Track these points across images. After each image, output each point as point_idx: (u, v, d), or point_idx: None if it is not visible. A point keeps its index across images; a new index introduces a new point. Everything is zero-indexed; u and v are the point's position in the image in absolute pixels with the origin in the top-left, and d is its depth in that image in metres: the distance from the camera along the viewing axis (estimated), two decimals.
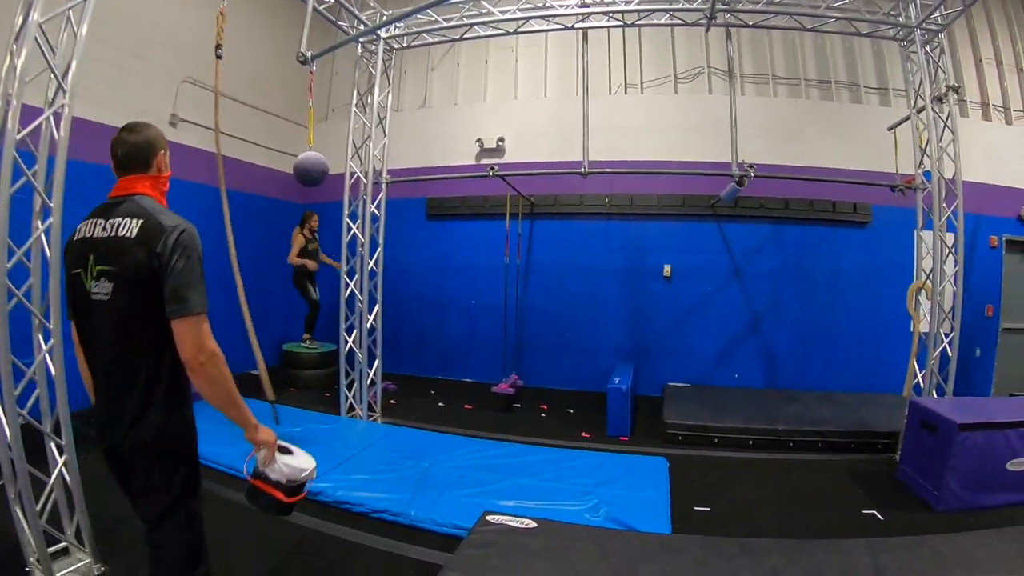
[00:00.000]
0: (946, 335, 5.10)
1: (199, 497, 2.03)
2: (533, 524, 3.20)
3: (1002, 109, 7.64)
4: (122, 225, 1.86)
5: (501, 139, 7.99)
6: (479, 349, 8.23)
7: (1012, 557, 2.99)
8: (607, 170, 6.10)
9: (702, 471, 4.89)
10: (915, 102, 5.44)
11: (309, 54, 5.06)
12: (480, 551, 2.87)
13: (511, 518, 3.25)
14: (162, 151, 2.06)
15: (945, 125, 5.17)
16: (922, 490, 4.35)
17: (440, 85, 8.84)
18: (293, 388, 7.33)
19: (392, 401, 6.97)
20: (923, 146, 5.32)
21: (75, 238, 1.97)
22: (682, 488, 4.37)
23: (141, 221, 1.86)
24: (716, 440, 5.50)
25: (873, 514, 4.09)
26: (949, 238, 5.25)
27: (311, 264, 7.49)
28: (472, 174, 6.89)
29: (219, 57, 4.81)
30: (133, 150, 1.99)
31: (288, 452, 2.17)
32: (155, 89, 6.46)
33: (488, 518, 3.24)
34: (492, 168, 5.86)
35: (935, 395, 5.05)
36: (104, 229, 1.88)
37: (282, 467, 2.10)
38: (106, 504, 3.56)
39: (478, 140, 8.05)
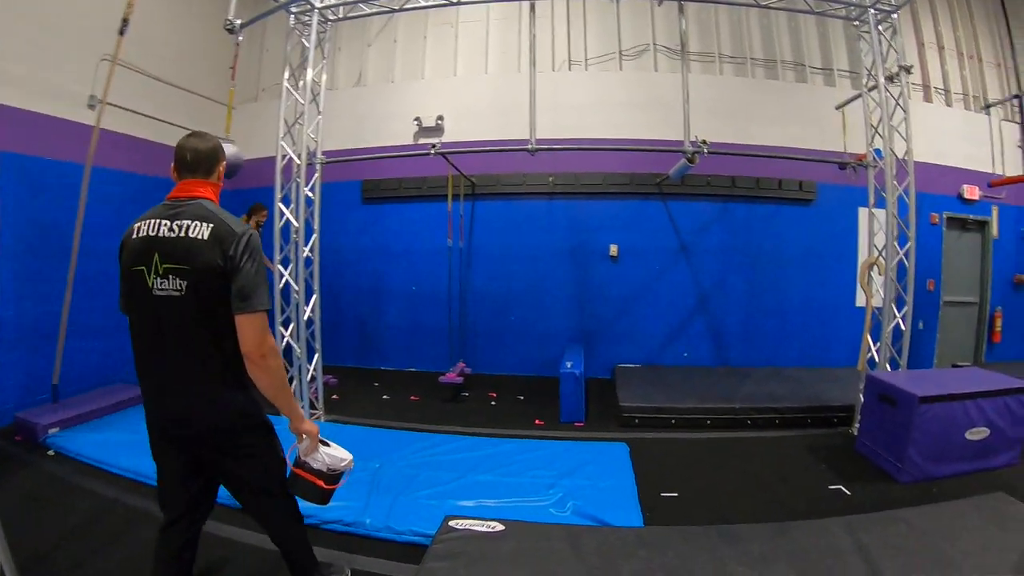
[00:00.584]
0: (899, 310, 5.10)
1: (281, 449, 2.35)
2: (500, 527, 2.94)
3: (943, 91, 7.86)
4: (192, 227, 1.99)
5: (440, 117, 7.62)
6: (423, 337, 7.89)
7: (985, 526, 2.97)
8: (556, 147, 5.83)
9: (663, 454, 4.76)
10: (866, 81, 5.41)
11: (237, 22, 4.62)
12: (447, 563, 2.60)
13: (475, 521, 2.99)
14: (224, 161, 2.26)
15: (897, 104, 5.16)
16: (884, 462, 4.35)
17: (376, 62, 8.38)
18: None
19: (334, 396, 6.63)
20: (875, 124, 5.30)
21: (133, 236, 2.06)
22: (646, 474, 4.22)
23: (212, 225, 2.00)
24: (673, 421, 5.39)
25: (840, 489, 4.04)
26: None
27: None
28: (411, 153, 6.42)
29: (122, 33, 4.38)
30: (201, 156, 2.16)
31: (327, 445, 2.36)
32: (72, 68, 5.88)
33: (451, 523, 2.96)
34: (434, 145, 5.54)
35: (889, 368, 5.07)
36: (171, 230, 2.00)
37: (324, 457, 2.29)
38: (31, 535, 3.17)
39: (416, 119, 7.64)
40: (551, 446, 4.75)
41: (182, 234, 1.98)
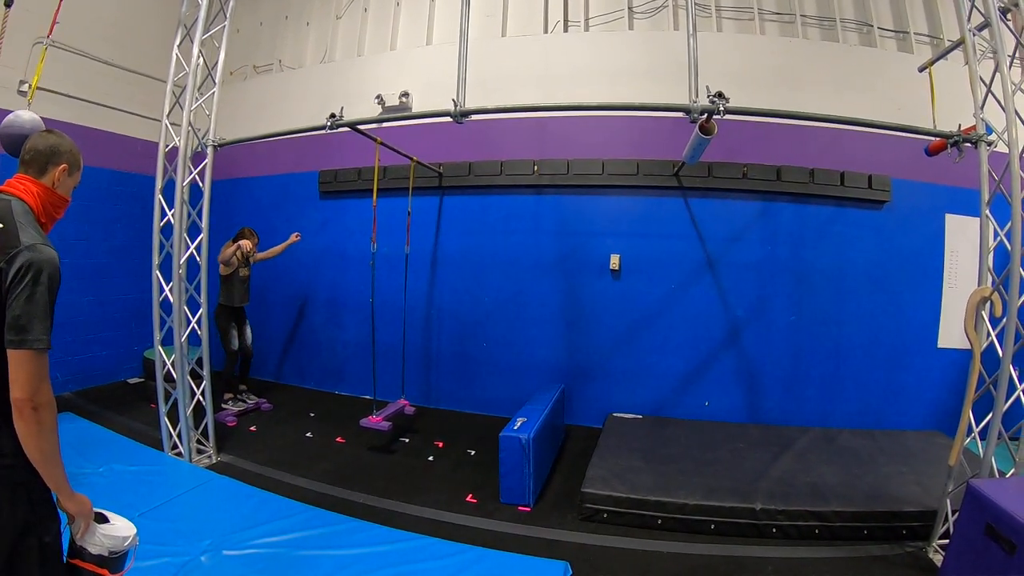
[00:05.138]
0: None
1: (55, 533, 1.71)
2: None
3: None
4: None
5: (405, 94, 6.18)
6: (381, 358, 6.36)
7: None
8: (489, 111, 4.22)
9: None
10: (970, 15, 3.57)
11: None
12: None
13: None
14: (63, 165, 1.85)
15: (1018, 46, 3.34)
16: None
17: (345, 35, 7.16)
18: (153, 404, 5.64)
19: (252, 428, 5.49)
20: (988, 82, 3.44)
21: None
22: None
23: (1, 225, 1.64)
24: (659, 522, 3.62)
25: None
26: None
27: None
28: (308, 128, 4.87)
29: (8, 5, 3.95)
30: (35, 153, 1.83)
31: (104, 519, 1.80)
32: (3, 52, 5.16)
33: None
34: (332, 117, 4.13)
35: (995, 467, 3.22)
36: None
37: (102, 538, 1.75)
38: None
39: (378, 97, 6.24)
40: (457, 554, 3.14)
41: None
